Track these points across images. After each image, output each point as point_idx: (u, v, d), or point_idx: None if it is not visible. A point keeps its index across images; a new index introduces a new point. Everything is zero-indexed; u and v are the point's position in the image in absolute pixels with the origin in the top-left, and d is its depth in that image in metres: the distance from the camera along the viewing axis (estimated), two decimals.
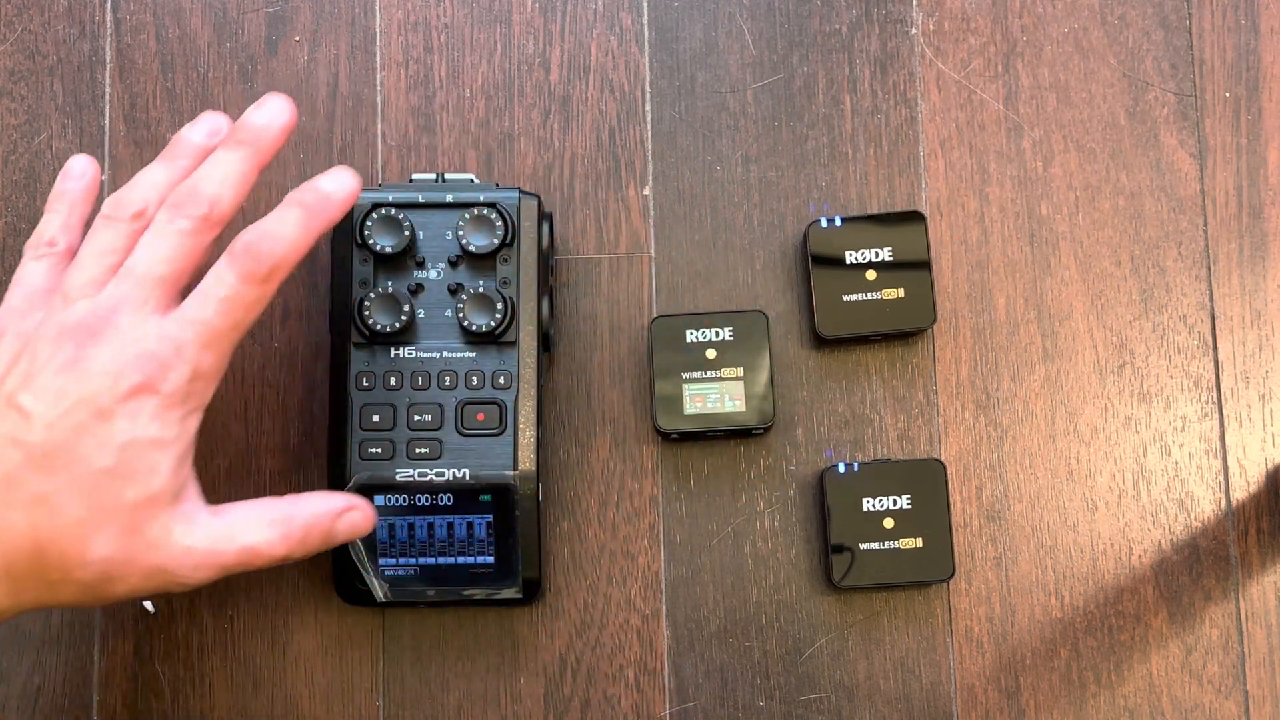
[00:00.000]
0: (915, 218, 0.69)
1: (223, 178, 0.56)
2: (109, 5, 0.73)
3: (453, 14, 0.73)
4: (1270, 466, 0.69)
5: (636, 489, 0.69)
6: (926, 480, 0.67)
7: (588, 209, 0.72)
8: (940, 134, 0.72)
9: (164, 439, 0.53)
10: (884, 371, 0.70)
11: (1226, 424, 0.70)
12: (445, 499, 0.64)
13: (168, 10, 0.73)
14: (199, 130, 0.59)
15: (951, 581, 0.68)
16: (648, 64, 0.73)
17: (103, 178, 0.71)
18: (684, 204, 0.72)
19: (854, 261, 0.69)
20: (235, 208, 0.56)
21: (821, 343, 0.70)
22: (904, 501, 0.66)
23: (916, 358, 0.70)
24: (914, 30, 0.73)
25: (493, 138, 0.72)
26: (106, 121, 0.72)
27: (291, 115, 0.57)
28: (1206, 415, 0.70)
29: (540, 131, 0.72)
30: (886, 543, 0.66)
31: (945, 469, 0.67)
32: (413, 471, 0.64)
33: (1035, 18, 0.73)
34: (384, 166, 0.72)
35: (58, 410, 0.52)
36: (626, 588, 0.68)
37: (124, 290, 0.54)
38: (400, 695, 0.68)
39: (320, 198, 0.55)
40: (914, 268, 0.68)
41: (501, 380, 0.65)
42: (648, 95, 0.73)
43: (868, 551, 0.66)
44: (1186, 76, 0.72)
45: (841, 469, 0.67)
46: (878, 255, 0.69)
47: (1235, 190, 0.72)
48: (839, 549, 0.66)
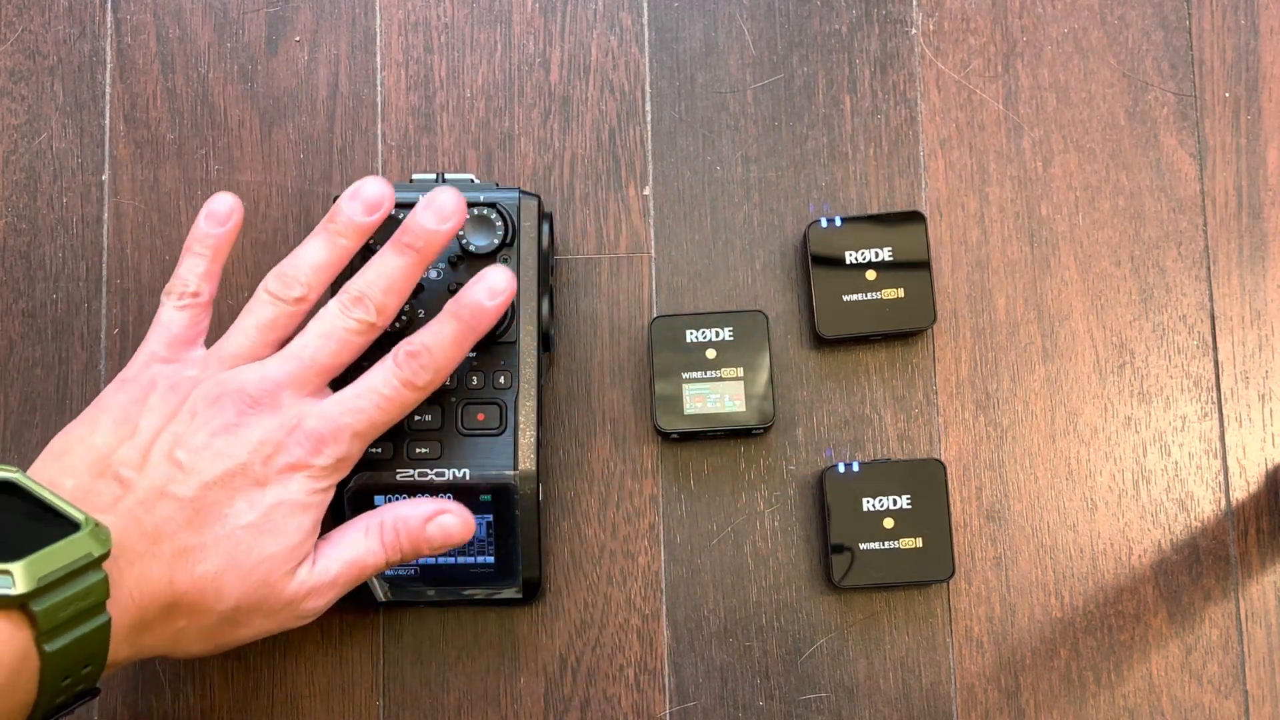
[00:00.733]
0: (915, 218, 0.69)
1: (390, 285, 0.59)
2: (109, 5, 0.73)
3: (453, 14, 0.73)
4: (1270, 466, 0.69)
5: (636, 489, 0.69)
6: (926, 480, 0.67)
7: (588, 209, 0.72)
8: (940, 134, 0.72)
9: (309, 504, 0.56)
10: (884, 371, 0.70)
11: (1226, 424, 0.70)
12: (445, 499, 0.64)
13: (168, 10, 0.73)
14: (359, 206, 0.60)
15: (951, 581, 0.68)
16: (648, 64, 0.73)
17: (104, 177, 0.71)
18: (684, 204, 0.72)
19: (854, 261, 0.69)
20: (398, 309, 0.60)
21: (821, 343, 0.70)
22: (904, 501, 0.66)
23: (916, 358, 0.70)
24: (914, 30, 0.73)
25: (493, 138, 0.72)
26: (106, 121, 0.72)
27: (461, 212, 0.60)
28: (1206, 415, 0.70)
29: (540, 131, 0.72)
30: (886, 543, 0.66)
31: (945, 469, 0.67)
32: (413, 471, 0.64)
33: (1035, 18, 0.73)
34: (384, 166, 0.72)
35: (215, 470, 0.54)
36: (626, 588, 0.68)
37: (289, 370, 0.57)
38: (400, 695, 0.68)
39: (474, 311, 0.59)
40: (914, 268, 0.68)
41: (501, 380, 0.65)
42: (648, 95, 0.73)
43: (868, 551, 0.66)
44: (1186, 76, 0.72)
45: (841, 469, 0.67)
46: (878, 255, 0.69)
47: (1235, 190, 0.72)
48: (839, 549, 0.66)
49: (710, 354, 0.67)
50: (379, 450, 0.64)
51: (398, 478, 0.64)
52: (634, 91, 0.72)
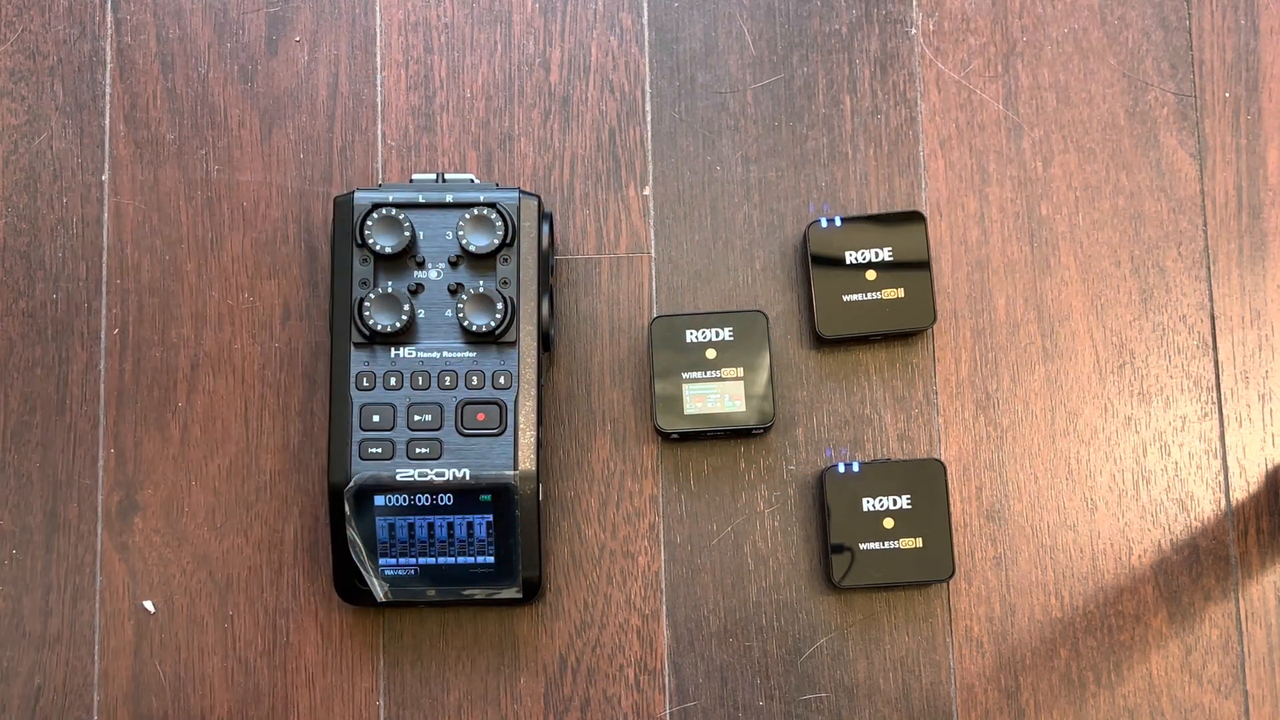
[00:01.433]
0: (915, 218, 0.69)
1: None
2: (109, 5, 0.73)
3: (453, 14, 0.73)
4: (1270, 466, 0.69)
5: (636, 489, 0.69)
6: (926, 480, 0.67)
7: (588, 209, 0.72)
8: (940, 134, 0.72)
9: None
10: (884, 371, 0.70)
11: (1226, 424, 0.70)
12: (445, 499, 0.64)
13: (168, 10, 0.73)
14: None
15: (951, 581, 0.68)
16: (648, 64, 0.73)
17: (104, 177, 0.72)
18: (684, 204, 0.72)
19: (854, 261, 0.69)
20: None
21: (821, 343, 0.70)
22: (904, 501, 0.66)
23: (916, 358, 0.70)
24: (914, 30, 0.73)
25: (493, 138, 0.72)
26: (106, 121, 0.72)
27: None
28: (1206, 415, 0.70)
29: (540, 131, 0.72)
30: (886, 543, 0.66)
31: (945, 469, 0.67)
32: (413, 471, 0.64)
33: (1035, 18, 0.73)
34: (384, 166, 0.72)
35: None
36: (626, 588, 0.68)
37: None
38: (400, 695, 0.68)
39: None
40: (914, 268, 0.68)
41: (501, 380, 0.65)
42: (648, 95, 0.73)
43: (868, 551, 0.66)
44: (1186, 76, 0.72)
45: (841, 469, 0.67)
46: (878, 255, 0.69)
47: (1235, 190, 0.72)
48: (839, 549, 0.66)
49: (710, 354, 0.67)
50: (379, 450, 0.64)
51: (398, 478, 0.64)
52: (634, 91, 0.72)
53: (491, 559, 0.65)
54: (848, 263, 0.69)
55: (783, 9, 0.73)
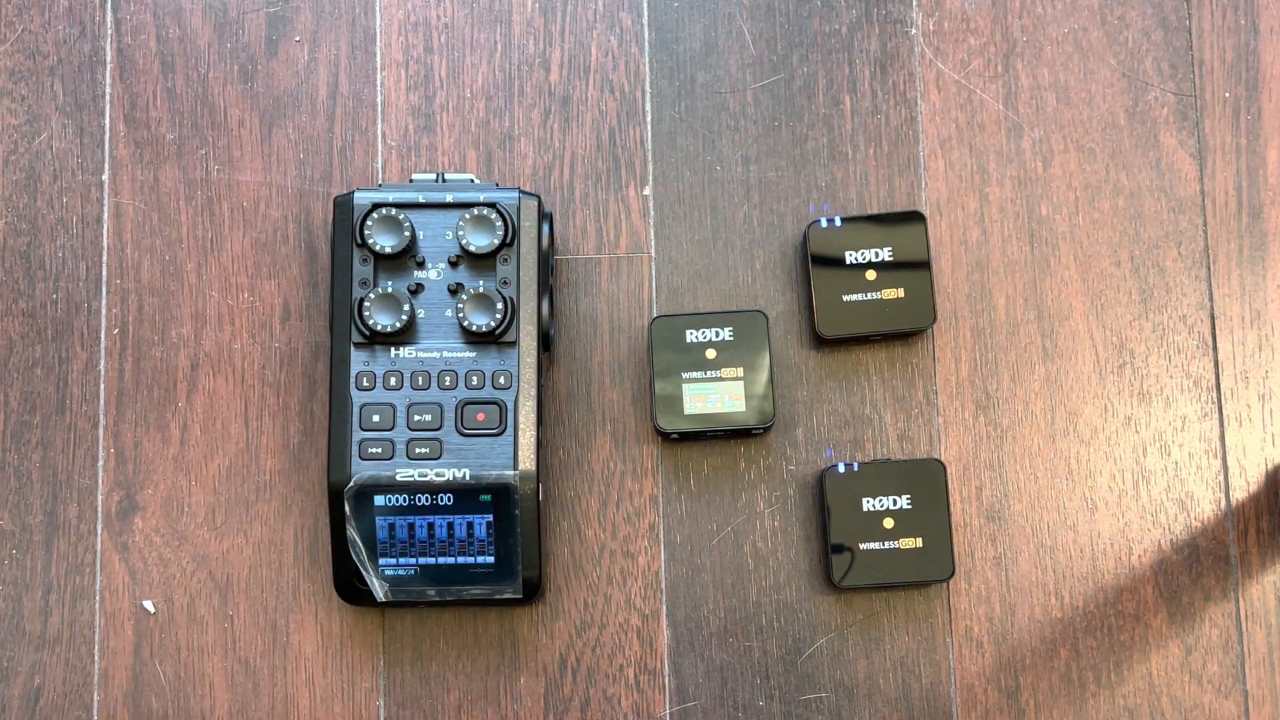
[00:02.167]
0: (915, 218, 0.69)
1: None
2: (109, 5, 0.73)
3: (453, 14, 0.73)
4: (1270, 466, 0.69)
5: (636, 489, 0.69)
6: (926, 480, 0.67)
7: (588, 209, 0.72)
8: (940, 134, 0.72)
9: None
10: (884, 371, 0.70)
11: (1226, 424, 0.70)
12: (445, 499, 0.64)
13: (168, 10, 0.73)
14: None
15: (951, 581, 0.68)
16: (648, 64, 0.73)
17: (104, 177, 0.72)
18: (684, 204, 0.72)
19: (854, 261, 0.69)
20: None
21: (821, 343, 0.70)
22: (904, 501, 0.66)
23: (916, 358, 0.70)
24: (914, 30, 0.73)
25: (493, 138, 0.72)
26: (106, 121, 0.72)
27: None
28: (1206, 415, 0.70)
29: (540, 131, 0.72)
30: (886, 543, 0.66)
31: (945, 469, 0.67)
32: (413, 471, 0.64)
33: (1035, 18, 0.73)
34: (384, 166, 0.72)
35: None
36: (626, 588, 0.68)
37: None
38: (400, 695, 0.68)
39: None
40: (914, 268, 0.68)
41: (501, 380, 0.65)
42: (648, 95, 0.73)
43: (868, 551, 0.66)
44: (1186, 76, 0.72)
45: (841, 469, 0.67)
46: (878, 255, 0.69)
47: (1235, 190, 0.72)
48: (839, 549, 0.66)
49: (710, 354, 0.67)
50: (379, 450, 0.64)
51: (398, 478, 0.64)
52: (634, 91, 0.72)
53: (491, 559, 0.65)
54: (848, 263, 0.69)
55: (783, 9, 0.73)
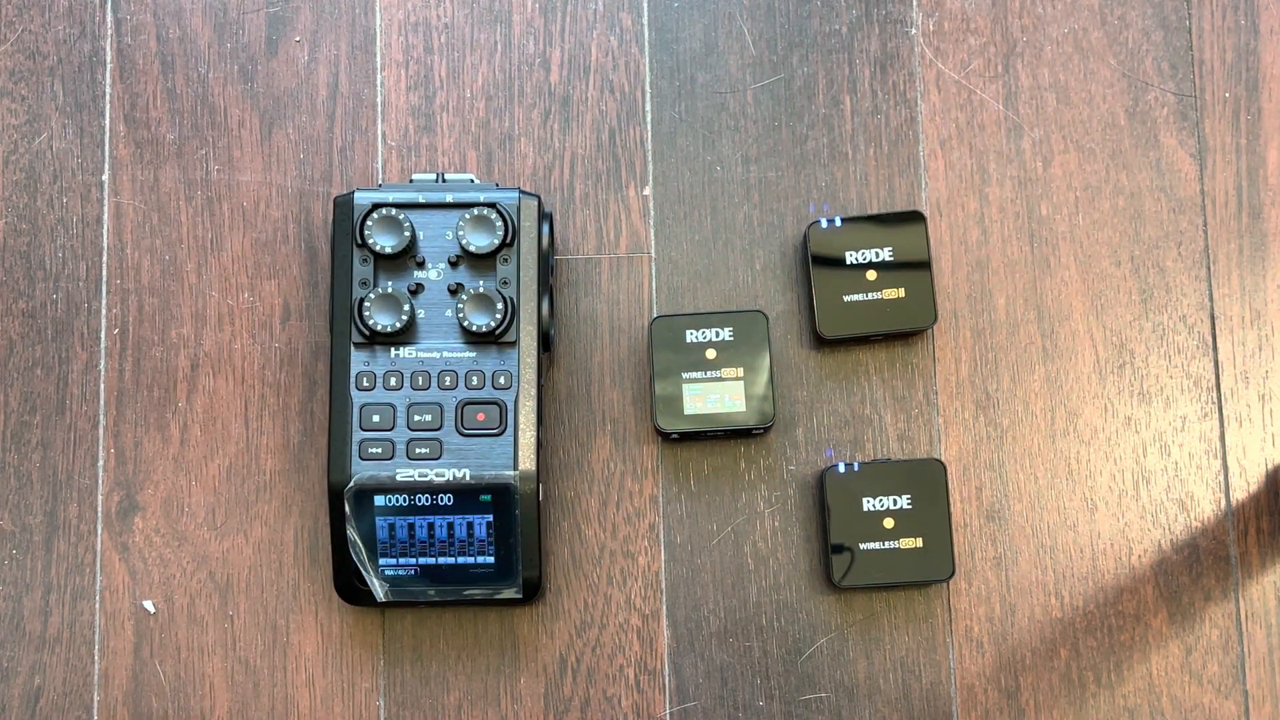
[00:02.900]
0: (915, 218, 0.69)
1: None
2: (109, 5, 0.73)
3: (453, 14, 0.73)
4: (1270, 466, 0.69)
5: (636, 489, 0.69)
6: (926, 480, 0.67)
7: (588, 209, 0.72)
8: (940, 134, 0.72)
9: None
10: (884, 371, 0.70)
11: (1226, 424, 0.70)
12: (445, 499, 0.64)
13: (168, 10, 0.73)
14: None
15: (951, 581, 0.68)
16: (648, 64, 0.73)
17: (104, 177, 0.72)
18: (684, 204, 0.72)
19: (854, 261, 0.69)
20: None
21: (821, 343, 0.70)
22: (904, 501, 0.66)
23: (916, 358, 0.70)
24: (914, 30, 0.73)
25: (493, 138, 0.72)
26: (106, 121, 0.72)
27: None
28: (1206, 415, 0.70)
29: (540, 131, 0.72)
30: (886, 543, 0.66)
31: (945, 469, 0.67)
32: (413, 471, 0.64)
33: (1035, 18, 0.73)
34: (384, 166, 0.72)
35: None
36: (626, 588, 0.68)
37: None
38: (400, 695, 0.68)
39: None
40: (914, 268, 0.68)
41: (501, 380, 0.65)
42: (648, 95, 0.73)
43: (868, 551, 0.66)
44: (1186, 76, 0.72)
45: (841, 469, 0.67)
46: (878, 255, 0.69)
47: (1235, 190, 0.71)
48: (839, 549, 0.66)
49: (710, 354, 0.67)
50: (379, 450, 0.64)
51: (398, 478, 0.64)
52: (634, 91, 0.72)
53: (491, 559, 0.65)
54: (848, 263, 0.69)
55: (783, 9, 0.73)
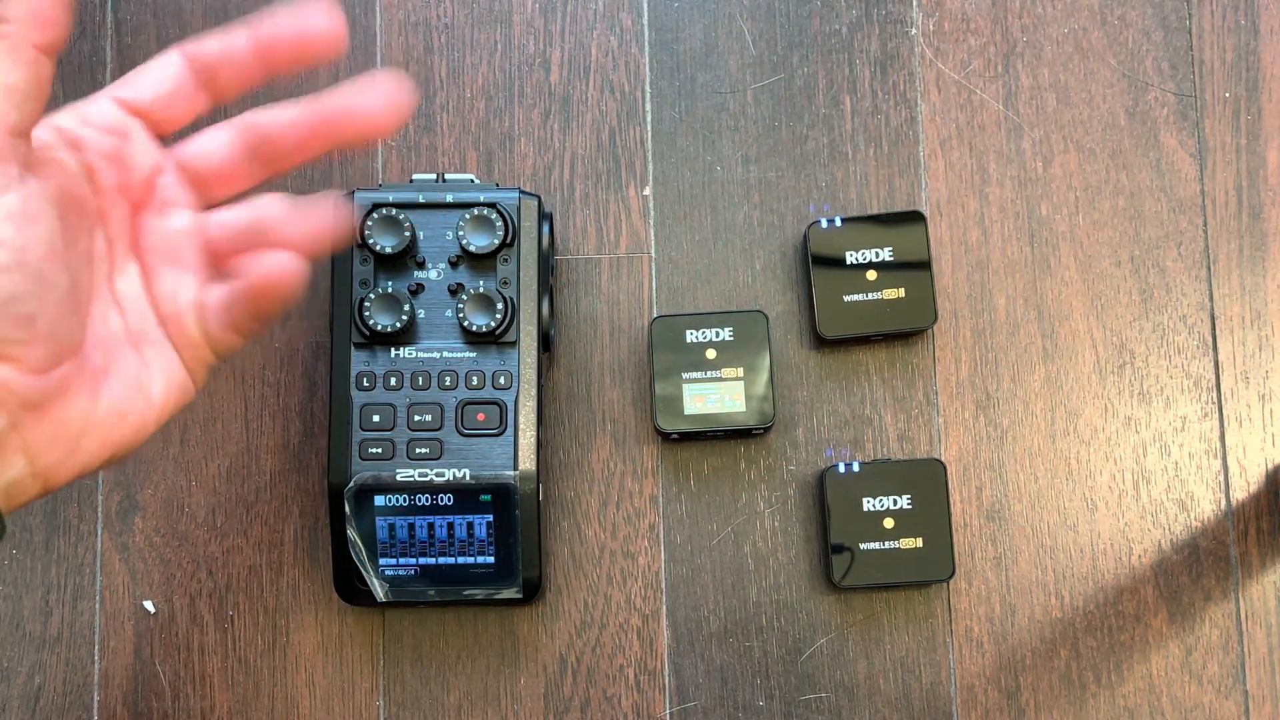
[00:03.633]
0: (915, 218, 0.69)
1: None
2: (109, 5, 0.73)
3: (453, 14, 0.73)
4: (1270, 466, 0.69)
5: (636, 489, 0.69)
6: (926, 480, 0.67)
7: (588, 209, 0.72)
8: (940, 134, 0.72)
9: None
10: (884, 371, 0.70)
11: (1226, 424, 0.70)
12: (445, 499, 0.64)
13: (168, 10, 0.73)
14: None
15: (951, 581, 0.68)
16: (648, 64, 0.73)
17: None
18: (684, 204, 0.72)
19: (854, 261, 0.69)
20: None
21: (821, 343, 0.70)
22: (904, 501, 0.66)
23: (916, 358, 0.70)
24: (914, 30, 0.73)
25: (493, 138, 0.72)
26: None
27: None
28: (1206, 415, 0.70)
29: (540, 131, 0.72)
30: (886, 543, 0.66)
31: (945, 469, 0.67)
32: (413, 471, 0.64)
33: (1035, 18, 0.73)
34: (384, 166, 0.72)
35: None
36: (626, 588, 0.68)
37: None
38: (400, 695, 0.68)
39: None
40: (914, 268, 0.68)
41: (501, 380, 0.65)
42: (648, 95, 0.73)
43: (868, 551, 0.66)
44: (1186, 76, 0.72)
45: (841, 469, 0.67)
46: (878, 255, 0.69)
47: (1235, 190, 0.72)
48: (839, 549, 0.66)
49: (710, 354, 0.67)
50: (379, 450, 0.64)
51: (398, 478, 0.64)
52: (634, 91, 0.72)
53: (491, 559, 0.65)
54: (848, 263, 0.69)
55: (783, 9, 0.73)
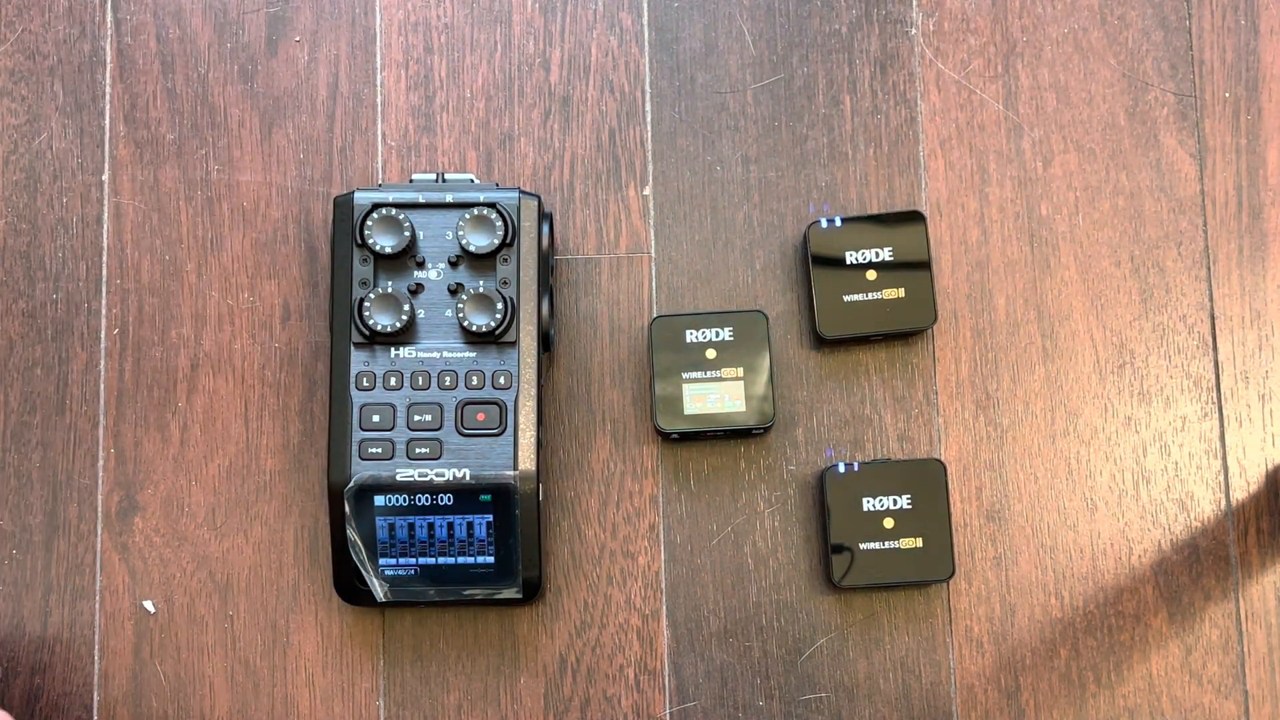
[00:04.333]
0: (915, 218, 0.69)
1: None
2: (109, 5, 0.73)
3: (453, 14, 0.73)
4: (1270, 466, 0.69)
5: (636, 489, 0.69)
6: (926, 480, 0.67)
7: (588, 209, 0.72)
8: (940, 134, 0.72)
9: None
10: (884, 371, 0.70)
11: (1226, 424, 0.70)
12: (445, 499, 0.64)
13: (168, 10, 0.73)
14: None
15: (951, 581, 0.68)
16: (648, 64, 0.73)
17: (104, 177, 0.72)
18: (684, 204, 0.72)
19: (854, 261, 0.69)
20: None
21: (821, 343, 0.70)
22: (904, 501, 0.66)
23: (916, 358, 0.70)
24: (914, 30, 0.73)
25: (493, 138, 0.72)
26: (106, 121, 0.72)
27: None
28: (1206, 415, 0.70)
29: (540, 131, 0.72)
30: (886, 542, 0.66)
31: (945, 469, 0.67)
32: (413, 471, 0.64)
33: (1035, 18, 0.73)
34: (384, 166, 0.72)
35: None
36: (626, 588, 0.68)
37: None
38: (400, 695, 0.68)
39: None
40: (914, 268, 0.68)
41: (501, 380, 0.65)
42: (648, 95, 0.73)
43: (868, 551, 0.66)
44: (1186, 76, 0.72)
45: (841, 469, 0.67)
46: (878, 255, 0.69)
47: (1235, 190, 0.72)
48: (839, 549, 0.66)
49: (710, 354, 0.67)
50: (379, 450, 0.64)
51: (398, 478, 0.64)
52: (634, 91, 0.72)
53: (491, 559, 0.65)
54: (848, 263, 0.69)
55: (783, 9, 0.73)
